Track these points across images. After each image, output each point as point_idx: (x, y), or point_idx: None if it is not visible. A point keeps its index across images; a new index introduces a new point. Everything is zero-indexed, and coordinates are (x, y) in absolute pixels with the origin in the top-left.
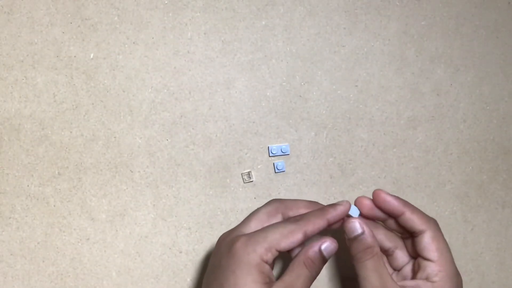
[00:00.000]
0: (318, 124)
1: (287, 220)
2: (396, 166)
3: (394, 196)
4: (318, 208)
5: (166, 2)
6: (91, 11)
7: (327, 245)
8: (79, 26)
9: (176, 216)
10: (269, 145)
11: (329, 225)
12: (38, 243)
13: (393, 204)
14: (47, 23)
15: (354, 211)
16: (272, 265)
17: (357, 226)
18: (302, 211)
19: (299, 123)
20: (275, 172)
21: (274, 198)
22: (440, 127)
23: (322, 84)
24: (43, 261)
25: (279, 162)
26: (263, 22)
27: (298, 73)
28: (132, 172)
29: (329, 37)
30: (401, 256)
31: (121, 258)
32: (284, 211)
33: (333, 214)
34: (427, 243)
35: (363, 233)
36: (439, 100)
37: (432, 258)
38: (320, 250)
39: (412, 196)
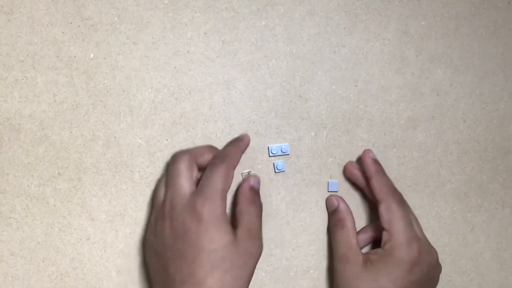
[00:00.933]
0: (318, 124)
1: (215, 162)
2: (396, 166)
3: (376, 161)
4: (231, 144)
5: (166, 2)
6: (91, 11)
7: (253, 180)
8: (79, 26)
9: None
10: (269, 145)
11: (242, 154)
12: (38, 243)
13: (367, 166)
14: (47, 23)
15: (334, 187)
16: None
17: (334, 201)
18: (207, 155)
19: (299, 123)
20: (275, 172)
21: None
22: (440, 127)
23: (322, 84)
24: (43, 261)
25: (279, 162)
26: (263, 22)
27: (298, 73)
28: (132, 172)
29: (329, 37)
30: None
31: (121, 258)
32: (195, 160)
33: (244, 145)
34: (381, 213)
35: (337, 207)
36: (439, 100)
37: (385, 227)
38: (251, 186)
39: (412, 196)
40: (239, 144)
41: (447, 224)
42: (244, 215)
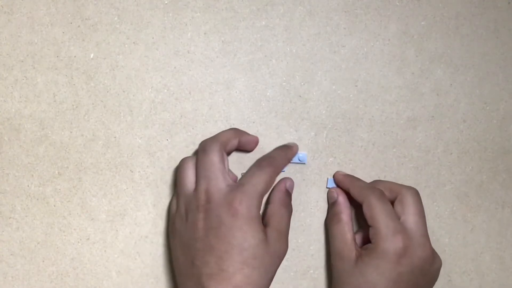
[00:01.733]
0: (318, 124)
1: (262, 164)
2: (396, 166)
3: (346, 174)
4: (280, 150)
5: (166, 2)
6: (91, 11)
7: (289, 183)
8: (79, 26)
9: None
10: None
11: (288, 162)
12: (38, 243)
13: (341, 182)
14: (47, 23)
15: (333, 183)
16: None
17: (334, 194)
18: (234, 141)
19: (299, 123)
20: None
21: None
22: (440, 127)
23: (322, 84)
24: (43, 261)
25: None
26: (263, 22)
27: (298, 73)
28: (132, 172)
29: (329, 37)
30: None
31: (121, 258)
32: (224, 148)
33: (292, 154)
34: (364, 212)
35: (336, 200)
36: (439, 100)
37: (370, 223)
38: (286, 189)
39: None
40: (287, 152)
41: (447, 224)
42: (276, 216)
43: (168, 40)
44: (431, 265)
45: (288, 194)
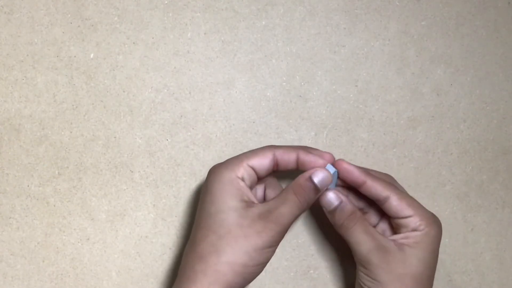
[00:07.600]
0: (318, 124)
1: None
2: (396, 166)
3: (356, 166)
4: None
5: (166, 2)
6: (91, 11)
7: (317, 173)
8: (79, 26)
9: (176, 216)
10: None
11: (298, 160)
12: (38, 243)
13: (355, 173)
14: (47, 23)
15: (330, 168)
16: (250, 187)
17: (332, 197)
18: (293, 156)
19: (299, 123)
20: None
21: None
22: (440, 127)
23: (322, 84)
24: (43, 261)
25: None
26: (263, 22)
27: (298, 73)
28: (132, 172)
29: (329, 37)
30: (373, 215)
31: (121, 258)
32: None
33: (304, 154)
34: (398, 204)
35: (341, 202)
36: (439, 100)
37: (409, 214)
38: (310, 178)
39: (412, 196)
40: (300, 149)
41: (447, 224)
42: (279, 198)
43: (168, 40)
44: None
45: (310, 183)
